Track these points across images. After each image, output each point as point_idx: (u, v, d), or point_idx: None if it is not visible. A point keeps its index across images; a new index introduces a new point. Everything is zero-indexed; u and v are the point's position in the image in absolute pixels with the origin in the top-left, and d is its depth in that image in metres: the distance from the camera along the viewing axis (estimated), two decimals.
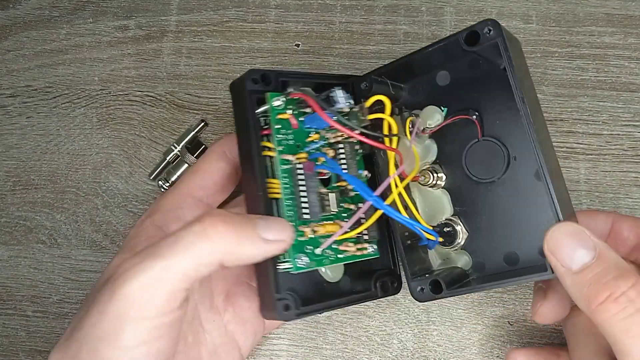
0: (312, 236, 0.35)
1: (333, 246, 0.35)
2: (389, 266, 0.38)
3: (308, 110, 0.35)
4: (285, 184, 0.34)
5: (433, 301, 0.36)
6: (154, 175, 0.43)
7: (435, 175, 0.37)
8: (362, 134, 0.34)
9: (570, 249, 0.29)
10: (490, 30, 0.32)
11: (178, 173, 0.42)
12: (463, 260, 0.37)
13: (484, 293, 0.41)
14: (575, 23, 0.43)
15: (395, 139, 0.36)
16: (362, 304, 0.38)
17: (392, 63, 0.36)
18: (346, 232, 0.35)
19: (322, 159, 0.35)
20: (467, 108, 0.36)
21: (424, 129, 0.37)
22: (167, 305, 0.29)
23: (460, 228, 0.36)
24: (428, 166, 0.37)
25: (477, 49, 0.33)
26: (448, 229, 0.36)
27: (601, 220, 0.36)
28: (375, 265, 0.38)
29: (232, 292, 0.37)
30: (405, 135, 0.36)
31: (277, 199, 0.34)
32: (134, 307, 0.28)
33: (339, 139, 0.36)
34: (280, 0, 0.45)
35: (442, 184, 0.37)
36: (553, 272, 0.30)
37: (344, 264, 0.37)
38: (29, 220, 0.44)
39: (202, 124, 0.44)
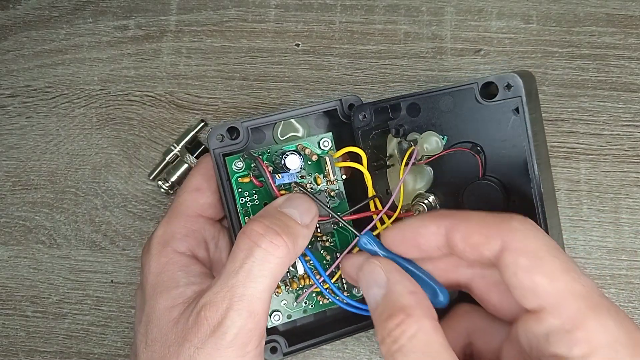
0: (287, 291, 0.36)
1: (312, 296, 0.36)
2: None
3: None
4: None
5: None
6: (153, 175, 0.43)
7: (427, 207, 0.35)
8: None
9: (365, 286, 0.28)
10: (509, 86, 0.31)
11: (178, 173, 0.42)
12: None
13: None
14: (576, 23, 0.43)
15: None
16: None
17: (394, 99, 0.35)
18: (317, 287, 0.35)
19: None
20: (470, 141, 0.34)
21: (421, 157, 0.35)
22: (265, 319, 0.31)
23: None
24: (420, 196, 0.36)
25: (491, 104, 0.32)
26: None
27: (431, 232, 0.29)
28: None
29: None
30: (400, 163, 0.35)
31: None
32: (241, 344, 0.29)
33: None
34: (280, 0, 0.45)
35: None
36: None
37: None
38: (28, 220, 0.44)
39: (202, 123, 0.44)
